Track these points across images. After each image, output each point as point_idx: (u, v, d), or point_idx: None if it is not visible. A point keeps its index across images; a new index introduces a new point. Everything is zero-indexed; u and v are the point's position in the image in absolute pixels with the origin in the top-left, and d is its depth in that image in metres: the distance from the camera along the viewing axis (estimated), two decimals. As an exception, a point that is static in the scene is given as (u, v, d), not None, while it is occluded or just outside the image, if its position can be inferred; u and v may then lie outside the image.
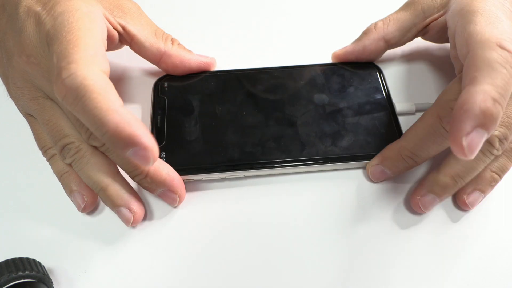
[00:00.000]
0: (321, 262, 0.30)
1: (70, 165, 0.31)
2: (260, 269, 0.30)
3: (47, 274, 0.28)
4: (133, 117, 0.26)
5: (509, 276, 0.30)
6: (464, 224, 0.32)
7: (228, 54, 0.41)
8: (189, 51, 0.37)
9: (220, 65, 0.39)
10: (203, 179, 0.33)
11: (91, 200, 0.31)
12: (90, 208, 0.32)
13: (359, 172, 0.34)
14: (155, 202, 0.33)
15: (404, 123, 0.35)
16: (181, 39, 0.37)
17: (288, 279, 0.30)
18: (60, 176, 0.32)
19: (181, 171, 0.32)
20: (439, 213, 0.32)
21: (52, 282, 0.28)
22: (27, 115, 0.33)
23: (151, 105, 0.36)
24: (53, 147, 0.32)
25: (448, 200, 0.33)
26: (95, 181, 0.30)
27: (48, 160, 0.32)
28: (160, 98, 0.36)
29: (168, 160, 0.32)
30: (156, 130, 0.34)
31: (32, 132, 0.33)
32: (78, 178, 0.31)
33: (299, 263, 0.30)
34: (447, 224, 0.32)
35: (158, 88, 0.36)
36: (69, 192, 0.31)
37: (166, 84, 0.37)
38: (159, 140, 0.33)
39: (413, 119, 0.36)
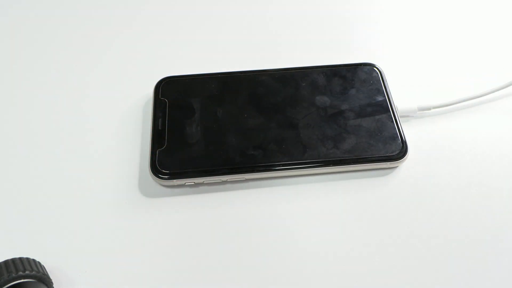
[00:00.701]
0: (323, 266, 0.30)
1: None
2: (261, 272, 0.30)
3: (47, 274, 0.28)
4: None
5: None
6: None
7: (229, 56, 0.41)
8: None
9: (221, 67, 0.39)
10: (204, 182, 0.33)
11: None
12: None
13: (362, 174, 0.34)
14: (156, 205, 0.33)
15: (406, 123, 0.36)
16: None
17: (289, 282, 0.30)
18: None
19: (182, 174, 0.32)
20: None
21: (52, 282, 0.28)
22: None
23: (152, 107, 0.36)
24: None
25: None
26: None
27: None
28: (161, 100, 0.36)
29: (169, 163, 0.33)
30: (157, 133, 0.34)
31: None
32: None
33: (301, 267, 0.30)
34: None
35: (159, 91, 0.36)
36: None
37: (167, 87, 0.37)
38: (160, 143, 0.33)
39: (415, 119, 0.37)
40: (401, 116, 0.36)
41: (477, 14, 0.45)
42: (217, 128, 0.34)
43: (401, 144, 0.34)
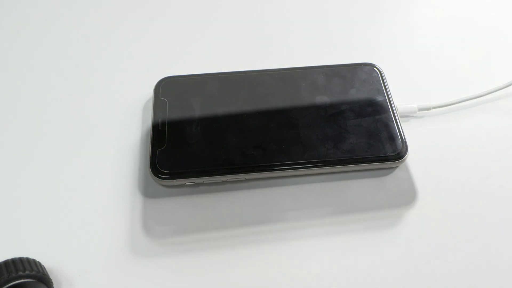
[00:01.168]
0: (322, 265, 0.30)
1: None
2: (261, 272, 0.30)
3: (47, 274, 0.28)
4: None
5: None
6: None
7: (229, 56, 0.41)
8: None
9: (221, 67, 0.39)
10: (204, 182, 0.33)
11: None
12: None
13: (362, 174, 0.34)
14: (156, 205, 0.33)
15: (406, 123, 0.36)
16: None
17: (288, 280, 0.30)
18: None
19: (182, 174, 0.32)
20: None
21: (52, 282, 0.28)
22: None
23: (152, 107, 0.36)
24: None
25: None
26: None
27: None
28: (161, 100, 0.36)
29: (169, 163, 0.33)
30: (157, 133, 0.34)
31: None
32: None
33: (300, 266, 0.30)
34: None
35: (159, 91, 0.36)
36: None
37: (167, 87, 0.37)
38: (160, 143, 0.33)
39: (415, 119, 0.37)
40: (401, 116, 0.36)
41: (477, 14, 0.45)
42: (217, 128, 0.34)
43: (401, 144, 0.34)
